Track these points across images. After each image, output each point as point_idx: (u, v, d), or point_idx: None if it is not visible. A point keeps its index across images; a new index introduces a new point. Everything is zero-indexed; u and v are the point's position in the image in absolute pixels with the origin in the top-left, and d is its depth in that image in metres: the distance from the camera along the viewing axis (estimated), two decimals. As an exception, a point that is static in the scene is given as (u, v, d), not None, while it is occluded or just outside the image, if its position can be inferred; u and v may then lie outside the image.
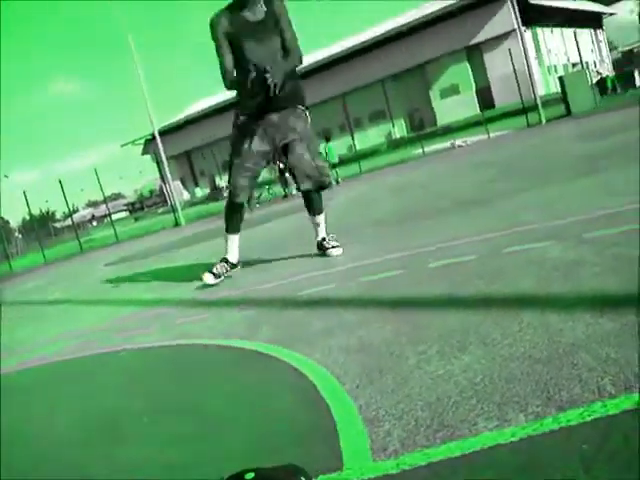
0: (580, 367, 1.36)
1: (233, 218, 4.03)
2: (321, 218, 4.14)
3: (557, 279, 2.06)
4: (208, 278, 3.86)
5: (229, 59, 3.78)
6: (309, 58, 43.58)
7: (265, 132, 3.82)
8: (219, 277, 3.90)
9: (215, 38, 3.80)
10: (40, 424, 2.17)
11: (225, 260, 3.99)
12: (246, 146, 3.84)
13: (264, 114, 3.79)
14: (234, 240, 4.05)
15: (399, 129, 41.82)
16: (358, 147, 24.71)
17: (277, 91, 3.50)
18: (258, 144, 3.83)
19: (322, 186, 4.02)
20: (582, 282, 1.95)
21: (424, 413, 1.35)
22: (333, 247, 3.96)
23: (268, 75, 3.45)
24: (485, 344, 1.64)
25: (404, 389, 1.50)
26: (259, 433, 1.52)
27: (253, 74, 3.53)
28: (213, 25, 3.78)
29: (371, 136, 39.62)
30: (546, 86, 35.35)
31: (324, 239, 4.05)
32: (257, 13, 3.74)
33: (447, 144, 19.90)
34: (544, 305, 1.83)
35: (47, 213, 67.19)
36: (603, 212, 2.86)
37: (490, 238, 3.05)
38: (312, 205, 4.11)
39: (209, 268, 3.92)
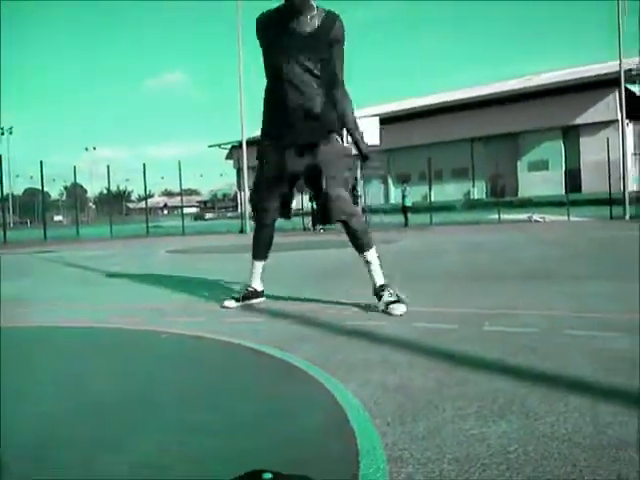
0: (622, 463, 1.30)
1: (260, 242, 3.71)
2: (369, 256, 3.48)
3: (615, 372, 1.98)
4: (227, 302, 3.65)
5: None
6: (406, 104, 43.99)
7: (289, 156, 3.43)
8: (239, 301, 3.66)
9: (259, 38, 3.45)
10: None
11: (249, 286, 3.74)
12: (270, 167, 3.51)
13: (290, 139, 3.41)
14: (258, 267, 3.75)
15: (479, 191, 41.48)
16: (433, 199, 24.61)
17: (307, 116, 3.30)
18: (282, 166, 3.45)
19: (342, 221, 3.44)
20: (640, 381, 1.87)
21: (450, 466, 1.32)
22: (397, 301, 3.27)
23: (302, 99, 3.28)
24: (527, 417, 1.60)
25: (435, 439, 1.47)
26: (279, 443, 1.52)
27: (286, 93, 3.31)
28: (258, 25, 3.43)
29: (448, 191, 39.41)
30: (638, 183, 34.40)
31: (382, 287, 3.38)
32: (307, 25, 3.27)
33: (524, 216, 19.61)
34: (597, 394, 1.76)
35: (124, 192, 69.57)
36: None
37: (553, 316, 2.98)
38: (351, 239, 3.51)
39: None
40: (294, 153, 3.42)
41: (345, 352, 2.43)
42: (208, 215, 49.22)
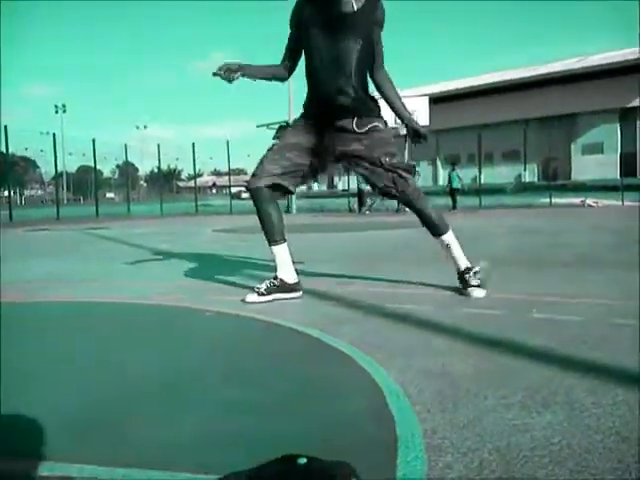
0: (672, 460, 1.25)
1: (266, 220, 3.30)
2: (449, 238, 3.36)
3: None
4: (249, 297, 3.20)
5: (291, 53, 3.34)
6: (456, 83, 43.13)
7: (322, 136, 3.27)
8: (264, 295, 3.19)
9: (291, 23, 3.31)
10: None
11: (274, 278, 3.27)
12: (294, 139, 3.30)
13: (326, 120, 3.27)
14: (281, 253, 3.32)
15: (530, 173, 40.59)
16: (483, 181, 24.20)
17: (334, 101, 3.18)
18: (307, 141, 3.28)
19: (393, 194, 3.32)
20: (694, 375, 1.80)
21: (491, 457, 1.29)
22: (476, 286, 3.23)
23: (341, 78, 3.14)
24: (572, 408, 1.55)
25: (476, 428, 1.44)
26: (316, 427, 1.51)
27: (326, 72, 3.18)
28: (297, 10, 3.26)
29: (498, 173, 38.67)
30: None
31: (468, 270, 3.28)
32: (349, 5, 3.12)
33: (577, 200, 19.10)
34: (646, 387, 1.70)
35: (174, 171, 70.41)
36: None
37: (605, 304, 2.89)
38: (425, 222, 3.36)
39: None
40: (330, 132, 3.26)
41: (386, 335, 2.41)
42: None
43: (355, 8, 3.13)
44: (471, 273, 3.25)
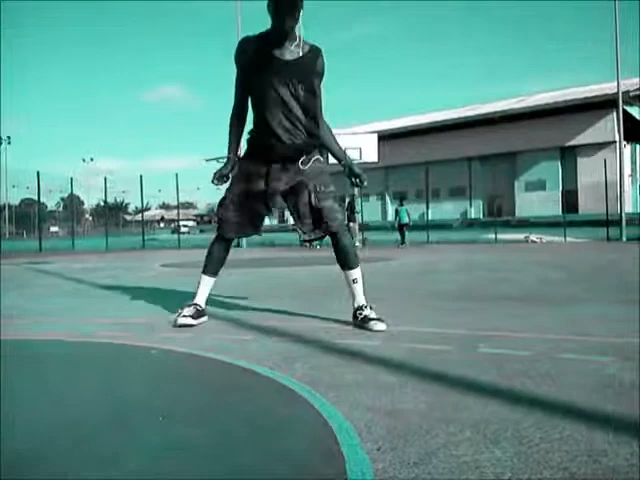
0: (618, 495, 1.26)
1: (213, 256, 3.62)
2: (356, 274, 3.46)
3: (610, 398, 1.95)
4: (184, 320, 3.45)
5: (244, 96, 3.48)
6: (404, 121, 44.10)
7: (268, 174, 3.43)
8: (194, 319, 3.48)
9: (239, 64, 3.42)
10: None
11: (195, 304, 3.56)
12: (244, 184, 3.50)
13: (274, 156, 3.41)
14: (207, 283, 3.63)
15: (475, 209, 41.55)
16: (430, 217, 24.65)
17: (292, 146, 3.36)
18: (257, 185, 3.45)
19: (329, 232, 3.45)
20: (637, 407, 1.83)
21: (441, 496, 1.28)
22: (376, 319, 3.30)
23: (284, 133, 3.33)
24: (521, 443, 1.55)
25: (426, 465, 1.43)
26: (266, 467, 1.47)
27: (271, 114, 3.33)
28: (241, 49, 3.39)
29: (446, 209, 39.46)
30: (635, 205, 34.50)
31: (365, 306, 3.39)
32: (290, 52, 3.30)
33: (521, 236, 19.60)
34: (591, 421, 1.72)
35: (121, 204, 69.29)
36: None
37: (548, 339, 2.94)
38: (340, 255, 3.48)
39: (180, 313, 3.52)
40: (277, 170, 3.42)
41: (334, 372, 2.39)
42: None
43: (295, 57, 3.31)
44: (369, 308, 3.37)
